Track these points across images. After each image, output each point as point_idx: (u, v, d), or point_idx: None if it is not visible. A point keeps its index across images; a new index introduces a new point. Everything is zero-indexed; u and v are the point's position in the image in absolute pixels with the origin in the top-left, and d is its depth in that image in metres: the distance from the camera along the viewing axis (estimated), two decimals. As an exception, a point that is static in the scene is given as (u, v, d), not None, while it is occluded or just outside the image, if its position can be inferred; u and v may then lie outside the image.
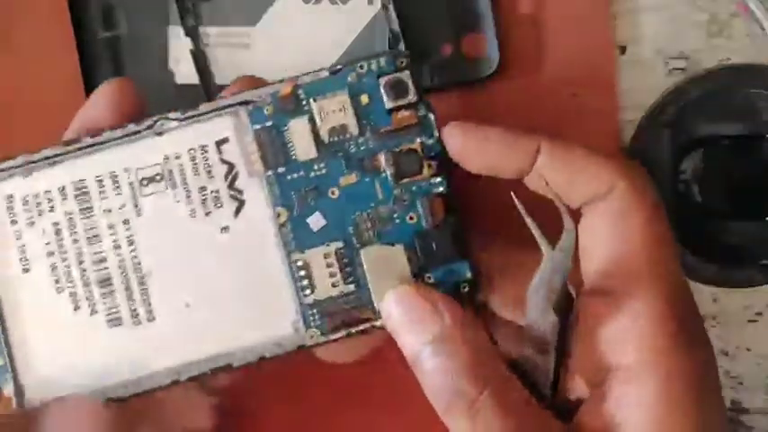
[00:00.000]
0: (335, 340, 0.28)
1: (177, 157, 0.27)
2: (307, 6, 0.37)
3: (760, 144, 0.36)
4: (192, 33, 0.37)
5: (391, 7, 0.36)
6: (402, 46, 0.36)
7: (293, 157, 0.28)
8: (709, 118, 0.36)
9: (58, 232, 0.27)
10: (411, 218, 0.28)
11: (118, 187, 0.27)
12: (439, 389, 0.24)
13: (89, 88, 0.38)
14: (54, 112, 0.38)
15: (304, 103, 0.28)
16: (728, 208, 0.36)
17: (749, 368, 0.39)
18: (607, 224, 0.25)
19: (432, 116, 0.28)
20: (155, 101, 0.38)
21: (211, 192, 0.27)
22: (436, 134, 0.28)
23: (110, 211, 0.27)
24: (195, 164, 0.27)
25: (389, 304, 0.26)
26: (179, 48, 0.37)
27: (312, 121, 0.28)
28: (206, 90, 0.37)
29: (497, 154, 0.27)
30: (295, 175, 0.28)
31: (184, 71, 0.38)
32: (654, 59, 0.38)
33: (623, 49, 0.38)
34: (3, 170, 0.28)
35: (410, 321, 0.26)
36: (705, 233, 0.36)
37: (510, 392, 0.24)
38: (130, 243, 0.27)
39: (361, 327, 0.28)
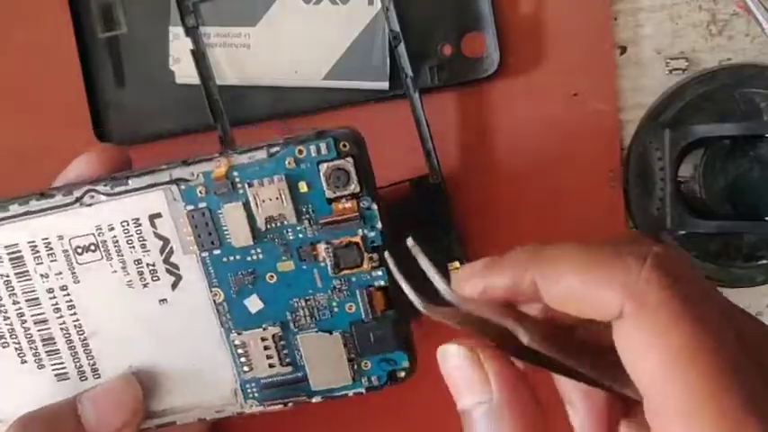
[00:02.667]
0: (272, 410, 0.29)
1: (111, 229, 0.27)
2: (307, 7, 0.37)
3: (760, 144, 0.36)
4: (192, 33, 0.37)
5: (391, 7, 0.36)
6: (402, 46, 0.36)
7: (228, 241, 0.27)
8: (709, 118, 0.36)
9: None
10: (350, 308, 0.27)
11: (52, 254, 0.27)
12: None
13: (89, 88, 0.38)
14: (54, 112, 0.38)
15: (239, 187, 0.26)
16: (728, 208, 0.36)
17: (749, 368, 0.39)
18: (624, 351, 0.21)
19: (375, 207, 0.27)
20: (155, 101, 0.38)
21: (147, 265, 0.27)
22: (379, 226, 0.27)
23: (47, 276, 0.27)
24: (129, 236, 0.27)
25: (446, 359, 0.24)
26: (179, 48, 0.37)
27: (248, 207, 0.26)
28: (206, 90, 0.37)
29: (509, 292, 0.23)
30: (231, 258, 0.27)
31: (184, 71, 0.38)
32: (654, 59, 0.38)
33: (623, 49, 0.38)
34: None
35: (462, 381, 0.23)
36: (705, 233, 0.36)
37: None
38: (70, 308, 0.27)
39: (296, 403, 0.28)
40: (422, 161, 0.37)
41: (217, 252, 0.27)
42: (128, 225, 0.27)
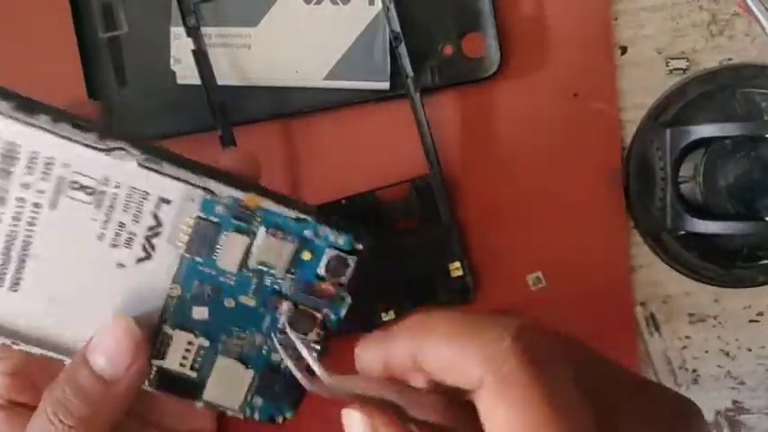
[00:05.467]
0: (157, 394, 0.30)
1: (117, 186, 0.27)
2: (307, 7, 0.37)
3: (760, 144, 0.36)
4: (193, 34, 0.37)
5: (392, 7, 0.36)
6: (403, 46, 0.36)
7: (214, 258, 0.28)
8: (710, 118, 0.36)
9: None
10: (275, 357, 0.30)
11: (47, 174, 0.27)
12: None
13: (90, 88, 0.38)
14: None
15: (255, 225, 0.28)
16: (729, 208, 0.36)
17: (750, 368, 0.39)
18: (485, 420, 0.22)
19: (349, 302, 0.29)
20: (156, 101, 0.38)
21: (129, 232, 0.28)
22: (342, 315, 0.29)
23: (27, 187, 0.27)
24: (129, 200, 0.27)
25: (349, 424, 0.25)
26: (180, 48, 0.38)
27: (250, 245, 0.28)
28: (207, 90, 0.37)
29: (392, 366, 0.25)
30: (206, 270, 0.28)
31: (185, 71, 0.38)
32: (654, 59, 0.38)
33: (624, 49, 0.38)
34: None
35: None
36: (705, 233, 0.36)
37: None
38: (30, 224, 0.27)
39: (183, 399, 0.30)
40: (422, 161, 0.37)
41: (198, 259, 0.28)
42: (135, 192, 0.27)
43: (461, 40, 0.37)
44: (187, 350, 0.29)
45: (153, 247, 0.28)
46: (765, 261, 0.37)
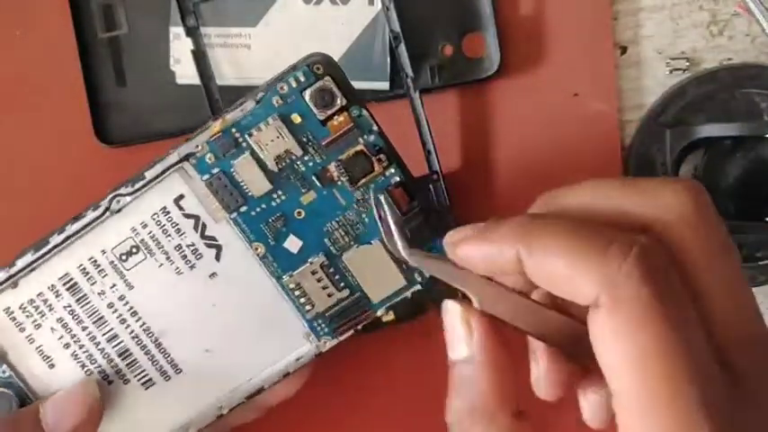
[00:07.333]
0: (346, 339, 0.29)
1: (144, 226, 0.28)
2: (307, 7, 0.37)
3: (760, 144, 0.36)
4: (192, 34, 0.37)
5: (392, 7, 0.36)
6: (403, 46, 0.36)
7: (250, 194, 0.28)
8: (710, 118, 0.36)
9: (65, 326, 0.29)
10: (379, 213, 0.28)
11: (101, 270, 0.28)
12: (455, 406, 0.24)
13: (89, 88, 0.38)
14: (54, 112, 0.38)
15: (241, 140, 0.28)
16: (729, 208, 0.36)
17: (749, 368, 0.39)
18: (595, 338, 0.21)
19: (365, 112, 0.28)
20: (156, 101, 0.38)
21: (188, 246, 0.28)
22: (375, 128, 0.28)
23: (103, 293, 0.28)
24: (162, 226, 0.28)
25: (445, 313, 0.25)
26: (180, 48, 0.37)
27: (255, 155, 0.28)
28: (206, 90, 0.37)
29: (490, 264, 0.24)
30: (258, 210, 0.28)
31: (185, 71, 0.38)
32: (654, 60, 0.38)
33: (624, 49, 0.38)
34: None
35: (451, 336, 0.25)
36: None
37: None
38: (134, 314, 0.29)
39: (365, 322, 0.29)
40: (422, 161, 0.37)
41: (244, 209, 0.28)
42: (158, 216, 0.28)
43: (461, 40, 0.37)
44: (319, 279, 0.29)
45: (213, 238, 0.28)
46: (765, 261, 0.37)
